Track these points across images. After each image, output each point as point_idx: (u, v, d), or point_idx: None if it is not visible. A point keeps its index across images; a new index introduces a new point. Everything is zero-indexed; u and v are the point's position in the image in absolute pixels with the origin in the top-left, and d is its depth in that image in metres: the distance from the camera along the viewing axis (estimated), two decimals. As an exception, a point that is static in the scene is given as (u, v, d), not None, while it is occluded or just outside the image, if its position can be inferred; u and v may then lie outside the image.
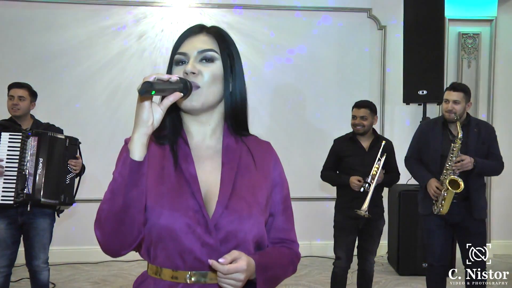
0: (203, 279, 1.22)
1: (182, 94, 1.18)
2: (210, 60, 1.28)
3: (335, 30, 5.53)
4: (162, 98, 1.17)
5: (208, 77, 1.26)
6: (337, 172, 3.73)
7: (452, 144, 3.36)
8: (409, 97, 5.04)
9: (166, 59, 1.33)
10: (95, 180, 5.22)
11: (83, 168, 3.53)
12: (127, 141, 1.21)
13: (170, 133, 1.32)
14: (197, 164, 1.29)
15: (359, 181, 3.49)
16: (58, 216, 3.53)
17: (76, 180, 3.53)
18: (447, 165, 3.37)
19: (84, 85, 5.23)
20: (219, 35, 1.33)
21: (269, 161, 1.37)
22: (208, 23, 1.37)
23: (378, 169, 3.51)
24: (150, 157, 1.19)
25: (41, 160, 3.29)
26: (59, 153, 3.37)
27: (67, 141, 3.41)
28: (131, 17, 5.27)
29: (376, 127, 5.67)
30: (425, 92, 4.90)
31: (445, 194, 3.37)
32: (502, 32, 5.65)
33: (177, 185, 1.24)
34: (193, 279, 1.22)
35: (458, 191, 3.31)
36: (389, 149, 3.66)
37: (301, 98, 5.43)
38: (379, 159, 3.54)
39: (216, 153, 1.33)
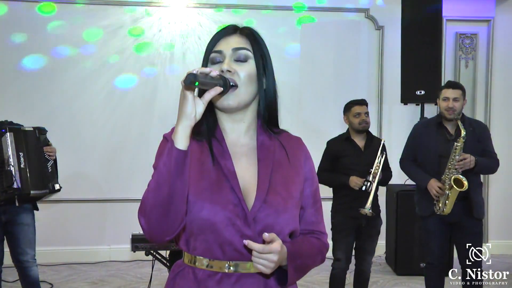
0: (241, 269, 1.31)
1: (222, 88, 1.24)
2: (244, 60, 1.35)
3: (333, 30, 5.53)
4: (201, 94, 1.23)
5: (244, 77, 1.34)
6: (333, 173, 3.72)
7: (455, 143, 3.32)
8: (406, 97, 5.04)
9: (163, 59, 1.34)
10: (92, 180, 5.21)
11: None
12: (166, 136, 1.28)
13: (207, 131, 1.38)
14: (234, 160, 1.36)
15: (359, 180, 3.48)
16: (37, 209, 3.50)
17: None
18: (450, 164, 3.34)
19: (81, 85, 5.20)
20: (252, 36, 1.41)
21: (300, 156, 1.44)
22: (240, 24, 1.44)
23: (379, 167, 3.51)
24: (190, 153, 1.24)
25: (21, 154, 3.32)
26: (33, 144, 3.42)
27: (37, 131, 3.47)
28: (129, 17, 5.26)
29: (374, 127, 5.70)
30: (422, 92, 4.90)
31: (449, 193, 3.34)
32: (500, 32, 5.65)
33: (217, 180, 1.32)
34: (232, 268, 1.31)
35: (463, 189, 3.29)
36: (384, 148, 3.67)
37: (298, 98, 5.43)
38: (380, 158, 3.54)
39: (251, 149, 1.40)
